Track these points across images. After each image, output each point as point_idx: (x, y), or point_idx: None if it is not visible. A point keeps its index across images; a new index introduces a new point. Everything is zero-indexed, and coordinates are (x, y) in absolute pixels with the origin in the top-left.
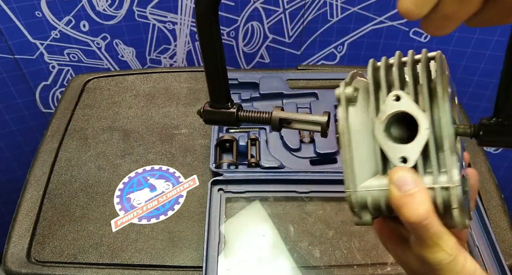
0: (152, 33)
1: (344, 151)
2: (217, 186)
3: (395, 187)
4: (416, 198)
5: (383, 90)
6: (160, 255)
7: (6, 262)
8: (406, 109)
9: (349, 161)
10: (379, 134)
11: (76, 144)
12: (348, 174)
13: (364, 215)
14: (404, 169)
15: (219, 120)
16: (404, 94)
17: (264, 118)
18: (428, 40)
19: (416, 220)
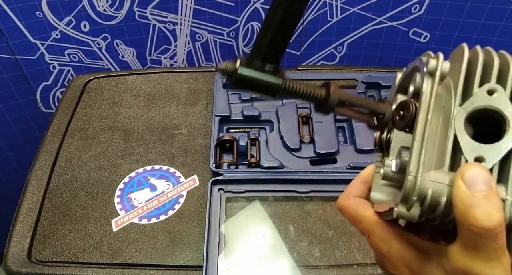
0: (153, 33)
1: (420, 130)
2: (217, 185)
3: (464, 184)
4: (492, 201)
5: (476, 79)
6: (161, 255)
7: (7, 262)
8: (498, 107)
9: (423, 142)
10: (459, 125)
11: (77, 144)
12: (417, 156)
13: (415, 207)
14: (480, 166)
15: (257, 85)
16: (500, 89)
17: (317, 96)
18: (427, 40)
19: (489, 225)
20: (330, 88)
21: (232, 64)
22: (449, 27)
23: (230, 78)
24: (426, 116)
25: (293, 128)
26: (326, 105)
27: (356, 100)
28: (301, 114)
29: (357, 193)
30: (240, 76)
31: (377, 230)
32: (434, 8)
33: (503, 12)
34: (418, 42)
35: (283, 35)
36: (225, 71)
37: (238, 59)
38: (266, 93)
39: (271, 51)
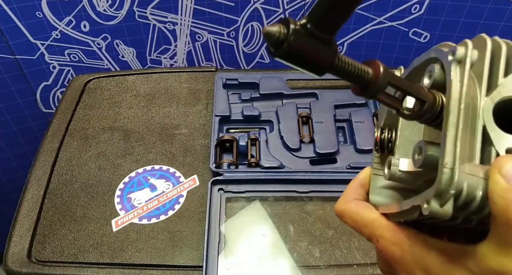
0: (153, 33)
1: (453, 120)
2: (217, 185)
3: (502, 178)
4: None
5: (500, 68)
6: (161, 255)
7: (7, 262)
8: None
9: (457, 132)
10: (488, 115)
11: (77, 144)
12: (452, 147)
13: (448, 205)
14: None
15: (309, 58)
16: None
17: (366, 76)
18: (427, 40)
19: None
20: (379, 68)
21: (284, 29)
22: (449, 27)
23: (279, 46)
24: (459, 105)
25: (293, 128)
26: (374, 89)
27: (402, 84)
28: (301, 114)
29: (356, 196)
30: (295, 44)
31: (388, 233)
32: (434, 8)
33: (503, 12)
34: (418, 42)
35: None
36: (274, 37)
37: (292, 22)
38: (314, 69)
39: (332, 16)
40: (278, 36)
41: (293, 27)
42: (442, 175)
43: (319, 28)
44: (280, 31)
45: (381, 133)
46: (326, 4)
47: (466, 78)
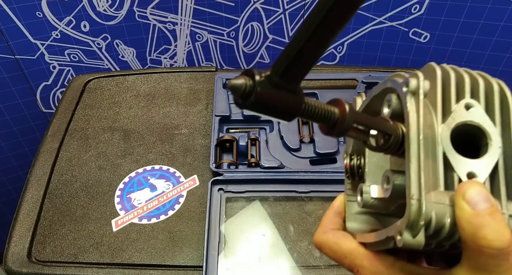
0: (153, 33)
1: (415, 151)
2: (217, 185)
3: (467, 204)
4: (498, 219)
5: (452, 95)
6: (161, 255)
7: (7, 262)
8: (478, 121)
9: (419, 163)
10: (446, 142)
11: (77, 144)
12: (416, 178)
13: (420, 235)
14: (478, 183)
15: (277, 107)
16: (476, 103)
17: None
18: (427, 40)
19: (502, 245)
20: (345, 107)
21: (250, 80)
22: (449, 27)
23: (246, 98)
24: (418, 136)
25: (293, 128)
26: (341, 128)
27: (368, 121)
28: None
29: (334, 226)
30: (262, 95)
31: (367, 263)
32: (434, 8)
33: (503, 12)
34: (418, 42)
35: (316, 48)
36: (240, 90)
37: (257, 74)
38: (283, 116)
39: (296, 67)
40: (244, 89)
41: (258, 79)
42: (410, 207)
43: (284, 79)
44: (246, 83)
45: (350, 160)
46: (290, 57)
47: (421, 109)
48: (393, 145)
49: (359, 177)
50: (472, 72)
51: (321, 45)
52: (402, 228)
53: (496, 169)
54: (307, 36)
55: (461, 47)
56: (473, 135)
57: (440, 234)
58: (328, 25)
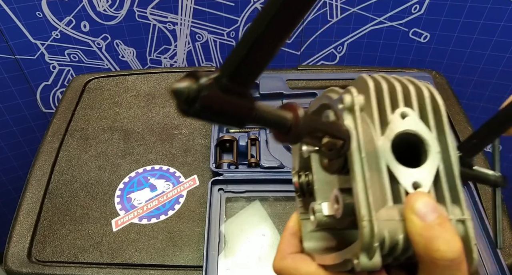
0: (153, 33)
1: (359, 171)
2: (217, 185)
3: (416, 216)
4: (447, 228)
5: (386, 106)
6: (161, 255)
7: (7, 262)
8: (415, 129)
9: (365, 182)
10: (388, 154)
11: (77, 144)
12: (364, 199)
13: (376, 255)
14: (424, 194)
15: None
16: (411, 112)
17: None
18: (427, 40)
19: (454, 255)
20: (298, 113)
21: (195, 84)
22: (449, 27)
23: (191, 104)
24: (360, 155)
25: None
26: (296, 134)
27: (324, 126)
28: None
29: (292, 249)
30: (209, 100)
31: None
32: (434, 8)
33: (503, 12)
34: (418, 42)
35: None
36: (183, 95)
37: (202, 76)
38: (232, 123)
39: (246, 69)
40: (188, 94)
41: (204, 82)
42: (363, 229)
43: (234, 82)
44: (190, 87)
45: (298, 177)
46: (240, 57)
47: (359, 126)
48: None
49: (309, 194)
50: (403, 80)
51: (275, 42)
52: (357, 251)
53: (438, 174)
54: (259, 32)
55: (461, 47)
56: (414, 143)
57: (395, 251)
58: (282, 20)
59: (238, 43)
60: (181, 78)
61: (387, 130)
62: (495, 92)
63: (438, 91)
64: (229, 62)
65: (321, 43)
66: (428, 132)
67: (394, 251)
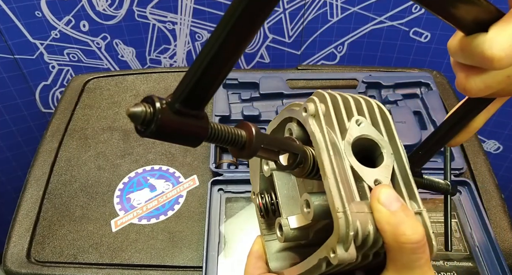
0: (152, 33)
1: (328, 167)
2: (217, 186)
3: (382, 206)
4: (410, 214)
5: (343, 115)
6: (160, 255)
7: (6, 262)
8: (370, 134)
9: (336, 177)
10: (350, 156)
11: (76, 144)
12: (336, 192)
13: (351, 247)
14: (387, 186)
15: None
16: (363, 119)
17: (241, 139)
18: (428, 40)
19: (419, 237)
20: (252, 130)
21: (150, 108)
22: (449, 27)
23: (147, 126)
24: (328, 152)
25: None
26: (250, 151)
27: (274, 142)
28: None
29: (259, 271)
30: (163, 123)
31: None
32: None
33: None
34: (419, 42)
35: (223, 75)
36: (140, 118)
37: (157, 101)
38: (189, 143)
39: (197, 94)
40: (144, 117)
41: (159, 106)
42: (338, 220)
43: (186, 106)
44: (146, 111)
45: (261, 198)
46: (190, 84)
47: (324, 128)
48: (305, 164)
49: (273, 213)
50: (353, 95)
51: (222, 69)
52: (334, 244)
53: (394, 173)
54: (206, 62)
55: None
56: (369, 148)
57: (367, 242)
58: (228, 47)
59: (189, 70)
60: (137, 103)
61: (347, 135)
62: None
63: (439, 91)
64: (180, 89)
65: (321, 43)
66: (381, 137)
67: (366, 243)
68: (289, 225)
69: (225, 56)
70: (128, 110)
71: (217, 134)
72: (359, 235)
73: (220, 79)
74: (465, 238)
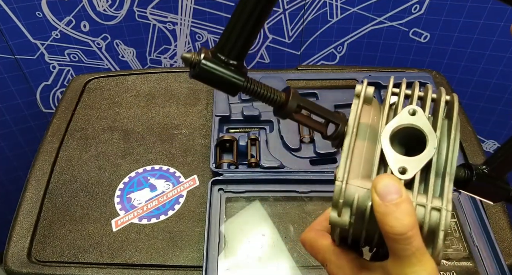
0: (153, 33)
1: (347, 142)
2: (217, 185)
3: (376, 195)
4: (401, 208)
5: (400, 102)
6: (160, 255)
7: (6, 262)
8: (419, 124)
9: (350, 151)
10: (385, 139)
11: (77, 144)
12: (343, 164)
13: (345, 213)
14: (389, 176)
15: (218, 80)
16: (420, 110)
17: (277, 99)
18: (427, 40)
19: (401, 230)
20: (290, 92)
21: (197, 55)
22: (449, 27)
23: (192, 69)
24: (353, 129)
25: (293, 129)
26: (285, 110)
27: (313, 108)
28: None
29: (320, 228)
30: (203, 68)
31: (333, 258)
32: (434, 8)
33: (503, 12)
34: (418, 42)
35: (252, 31)
36: (188, 61)
37: (203, 51)
38: (226, 89)
39: (237, 47)
40: (191, 60)
41: (204, 55)
42: (335, 188)
43: (227, 56)
44: (193, 57)
45: None
46: (229, 37)
47: (359, 108)
48: (339, 138)
49: None
50: (429, 85)
51: (257, 24)
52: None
53: (430, 167)
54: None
55: (461, 47)
56: (419, 139)
57: (364, 217)
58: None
59: (227, 26)
60: (189, 51)
61: (392, 121)
62: (495, 92)
63: None
64: (221, 41)
65: (321, 43)
66: (431, 131)
67: (363, 218)
68: None
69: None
70: (182, 55)
71: (254, 88)
72: (354, 206)
73: (255, 32)
74: (465, 238)
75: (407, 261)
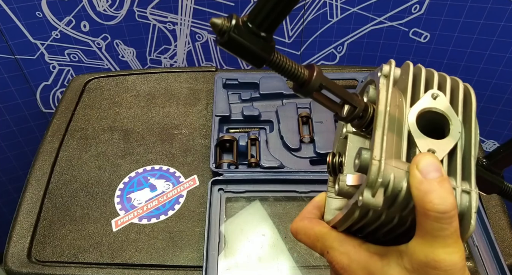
0: (153, 33)
1: (381, 119)
2: (217, 185)
3: (418, 172)
4: (445, 186)
5: (421, 85)
6: (161, 255)
7: (6, 262)
8: (443, 109)
9: (384, 130)
10: (412, 122)
11: (77, 144)
12: (379, 143)
13: (379, 194)
14: (432, 155)
15: (246, 50)
16: (441, 94)
17: (301, 76)
18: (427, 40)
19: (445, 208)
20: (314, 70)
21: (227, 22)
22: (449, 27)
23: (221, 37)
24: (386, 108)
25: (293, 129)
26: (307, 87)
27: (334, 88)
28: (301, 114)
29: (310, 216)
30: (233, 37)
31: (336, 244)
32: (434, 8)
33: (503, 12)
34: (418, 42)
35: (287, 4)
36: (217, 27)
37: (234, 18)
38: (252, 61)
39: (270, 19)
40: (221, 27)
41: (235, 22)
42: (371, 167)
43: (258, 27)
44: (223, 23)
45: (332, 157)
46: (263, 7)
47: (390, 87)
48: (363, 117)
49: (339, 171)
50: (441, 73)
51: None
52: (363, 188)
53: (455, 150)
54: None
55: (461, 47)
56: (439, 123)
57: (398, 198)
58: None
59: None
60: (220, 17)
61: (416, 104)
62: (495, 92)
63: None
64: (254, 10)
65: (321, 43)
66: (454, 115)
67: (397, 199)
68: (345, 181)
69: None
70: (211, 20)
71: (279, 62)
72: (390, 187)
73: (291, 6)
74: None
75: (442, 241)
